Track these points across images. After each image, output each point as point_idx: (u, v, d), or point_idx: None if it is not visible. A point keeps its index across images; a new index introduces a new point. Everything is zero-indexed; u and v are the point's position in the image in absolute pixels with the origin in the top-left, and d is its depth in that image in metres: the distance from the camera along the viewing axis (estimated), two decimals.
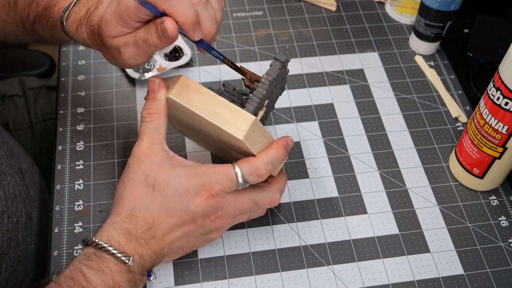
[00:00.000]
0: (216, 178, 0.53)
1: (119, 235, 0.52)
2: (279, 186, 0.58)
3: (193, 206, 0.53)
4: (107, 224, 0.53)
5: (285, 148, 0.56)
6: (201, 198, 0.53)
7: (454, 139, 0.72)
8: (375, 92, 0.76)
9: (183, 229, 0.54)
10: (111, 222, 0.53)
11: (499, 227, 0.65)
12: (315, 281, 0.60)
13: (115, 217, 0.53)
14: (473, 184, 0.67)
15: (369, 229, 0.64)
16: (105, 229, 0.53)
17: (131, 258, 0.51)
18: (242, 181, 0.53)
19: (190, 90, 0.54)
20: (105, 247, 0.51)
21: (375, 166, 0.69)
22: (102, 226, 0.54)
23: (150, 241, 0.53)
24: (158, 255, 0.54)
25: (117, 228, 0.52)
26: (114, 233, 0.52)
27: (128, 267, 0.51)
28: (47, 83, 0.95)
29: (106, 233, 0.52)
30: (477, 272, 0.61)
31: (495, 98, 0.58)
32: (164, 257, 0.55)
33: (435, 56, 0.81)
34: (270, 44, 0.81)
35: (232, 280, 0.60)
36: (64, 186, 0.66)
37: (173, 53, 0.78)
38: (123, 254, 0.51)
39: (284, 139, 0.56)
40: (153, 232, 0.53)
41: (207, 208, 0.53)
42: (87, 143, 0.70)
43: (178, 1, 0.50)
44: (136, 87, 0.75)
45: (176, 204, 0.53)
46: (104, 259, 0.51)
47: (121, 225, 0.52)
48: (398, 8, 0.87)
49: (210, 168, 0.53)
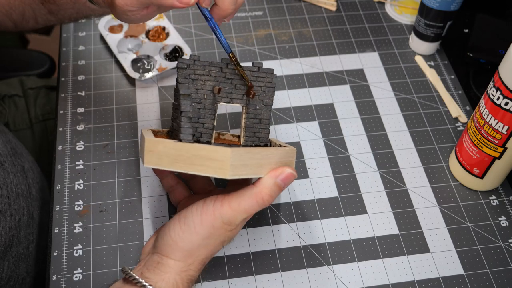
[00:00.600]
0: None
1: (184, 284, 0.52)
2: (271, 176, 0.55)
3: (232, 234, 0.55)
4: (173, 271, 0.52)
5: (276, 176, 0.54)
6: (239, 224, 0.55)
7: (454, 139, 0.72)
8: (375, 92, 0.76)
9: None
10: (178, 270, 0.52)
11: (499, 227, 0.65)
12: (315, 281, 0.60)
13: (183, 266, 0.53)
14: (473, 184, 0.67)
15: (369, 229, 0.64)
16: (171, 277, 0.52)
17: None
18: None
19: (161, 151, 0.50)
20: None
21: (375, 166, 0.69)
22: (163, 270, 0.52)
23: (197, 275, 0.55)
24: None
25: (183, 277, 0.53)
26: (180, 282, 0.52)
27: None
28: (47, 83, 0.95)
29: (172, 281, 0.52)
30: (477, 272, 0.61)
31: (495, 98, 0.58)
32: None
33: (435, 56, 0.81)
34: (270, 44, 0.81)
35: (232, 280, 0.60)
36: (64, 186, 0.66)
37: (173, 53, 0.78)
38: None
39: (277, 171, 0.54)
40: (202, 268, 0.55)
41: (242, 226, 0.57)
42: (87, 143, 0.70)
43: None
44: (136, 87, 0.75)
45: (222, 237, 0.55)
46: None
47: (188, 274, 0.53)
48: (398, 8, 0.87)
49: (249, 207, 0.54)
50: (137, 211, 0.64)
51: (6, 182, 0.63)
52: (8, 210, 0.62)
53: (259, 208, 0.52)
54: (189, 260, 0.53)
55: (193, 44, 0.80)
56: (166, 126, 0.71)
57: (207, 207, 0.52)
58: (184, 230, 0.52)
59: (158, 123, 0.72)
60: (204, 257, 0.54)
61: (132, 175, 0.67)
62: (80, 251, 0.61)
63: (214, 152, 0.49)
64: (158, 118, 0.72)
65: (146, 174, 0.67)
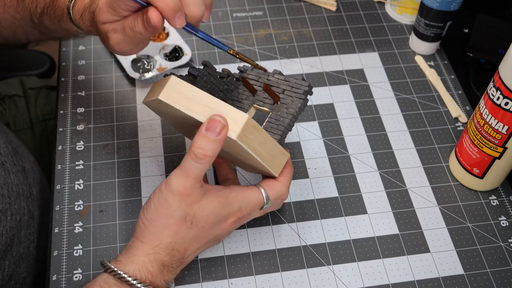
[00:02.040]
0: (246, 204, 0.55)
1: (153, 267, 0.52)
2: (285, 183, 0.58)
3: (220, 231, 0.56)
4: (140, 252, 0.53)
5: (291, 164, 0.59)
6: (229, 222, 0.55)
7: (454, 139, 0.72)
8: (375, 92, 0.76)
9: (206, 247, 0.57)
10: (145, 252, 0.53)
11: (499, 227, 0.65)
12: (315, 281, 0.60)
13: (149, 248, 0.53)
14: (473, 184, 0.67)
15: (369, 229, 0.64)
16: (139, 258, 0.52)
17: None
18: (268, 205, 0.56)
19: (182, 90, 0.53)
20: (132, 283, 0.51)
21: (375, 166, 0.69)
22: (132, 251, 0.53)
23: (178, 267, 0.55)
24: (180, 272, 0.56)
25: (152, 259, 0.52)
26: (149, 264, 0.52)
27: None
28: (47, 83, 0.95)
29: (140, 263, 0.52)
30: (477, 272, 0.61)
31: (495, 98, 0.58)
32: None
33: (435, 56, 0.81)
34: (270, 44, 0.81)
35: (232, 280, 0.60)
36: (64, 186, 0.66)
37: (173, 53, 0.78)
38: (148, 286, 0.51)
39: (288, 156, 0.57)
40: (183, 260, 0.55)
41: (231, 229, 0.57)
42: (87, 143, 0.70)
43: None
44: (136, 87, 0.75)
45: (208, 234, 0.55)
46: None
47: (157, 257, 0.53)
48: (398, 8, 0.87)
49: (240, 194, 0.55)
50: (137, 211, 0.64)
51: (7, 182, 0.63)
52: (9, 210, 0.62)
53: (199, 165, 0.51)
54: (155, 242, 0.53)
55: (193, 44, 0.80)
56: (166, 125, 0.71)
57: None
58: (148, 210, 0.53)
59: (158, 123, 0.72)
60: (171, 241, 0.53)
61: (132, 175, 0.67)
62: (80, 251, 0.61)
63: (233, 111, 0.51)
64: (158, 118, 0.72)
65: (146, 174, 0.67)
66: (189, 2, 0.52)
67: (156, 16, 0.51)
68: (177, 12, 0.51)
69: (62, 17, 0.62)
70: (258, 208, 0.56)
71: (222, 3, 0.86)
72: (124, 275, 0.51)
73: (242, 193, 0.55)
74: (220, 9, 0.85)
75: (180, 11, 0.51)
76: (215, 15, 0.84)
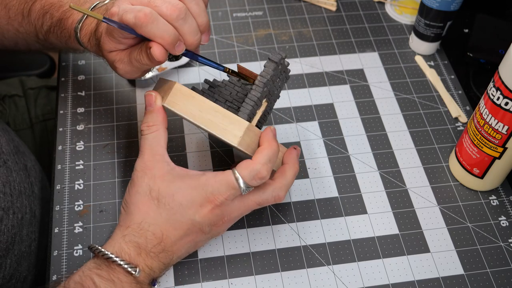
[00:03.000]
0: (219, 188, 0.53)
1: (129, 248, 0.53)
2: (284, 182, 0.57)
3: (199, 218, 0.54)
4: (117, 235, 0.54)
5: (274, 139, 0.56)
6: (207, 210, 0.54)
7: (454, 139, 0.72)
8: (375, 92, 0.76)
9: (191, 238, 0.55)
10: (121, 234, 0.54)
11: (499, 227, 0.65)
12: (315, 281, 0.60)
13: (124, 230, 0.54)
14: (473, 184, 0.67)
15: (369, 229, 0.64)
16: (116, 241, 0.53)
17: (138, 269, 0.52)
18: (245, 187, 0.54)
19: (184, 97, 0.55)
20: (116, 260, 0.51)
21: (375, 166, 0.69)
22: (112, 236, 0.54)
23: (160, 254, 0.54)
24: (167, 264, 0.55)
25: (127, 241, 0.53)
26: (125, 246, 0.53)
27: (137, 277, 0.52)
28: (47, 83, 0.95)
29: (117, 245, 0.53)
30: (477, 272, 0.61)
31: (495, 98, 0.58)
32: (172, 264, 0.57)
33: (435, 56, 0.81)
34: (270, 44, 0.81)
35: (232, 280, 0.60)
36: (64, 186, 0.66)
37: None
38: (131, 266, 0.52)
39: (269, 131, 0.56)
40: (163, 246, 0.54)
41: (213, 218, 0.55)
42: (87, 143, 0.70)
43: (155, 24, 0.51)
44: (136, 87, 0.75)
45: (183, 218, 0.54)
46: (114, 269, 0.52)
47: (131, 238, 0.53)
48: (398, 8, 0.87)
49: (211, 178, 0.54)
50: None
51: (9, 180, 0.63)
52: (11, 208, 0.62)
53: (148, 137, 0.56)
54: (128, 223, 0.54)
55: None
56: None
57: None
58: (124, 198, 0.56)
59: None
60: (142, 221, 0.53)
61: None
62: (80, 251, 0.61)
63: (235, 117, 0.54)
64: None
65: None
66: (185, 32, 0.53)
67: (159, 52, 0.52)
68: (176, 43, 0.53)
69: (70, 38, 0.62)
70: (233, 190, 0.53)
71: (222, 3, 0.86)
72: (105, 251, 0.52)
73: (214, 177, 0.54)
74: (220, 9, 0.85)
75: (179, 40, 0.53)
76: (215, 15, 0.84)
